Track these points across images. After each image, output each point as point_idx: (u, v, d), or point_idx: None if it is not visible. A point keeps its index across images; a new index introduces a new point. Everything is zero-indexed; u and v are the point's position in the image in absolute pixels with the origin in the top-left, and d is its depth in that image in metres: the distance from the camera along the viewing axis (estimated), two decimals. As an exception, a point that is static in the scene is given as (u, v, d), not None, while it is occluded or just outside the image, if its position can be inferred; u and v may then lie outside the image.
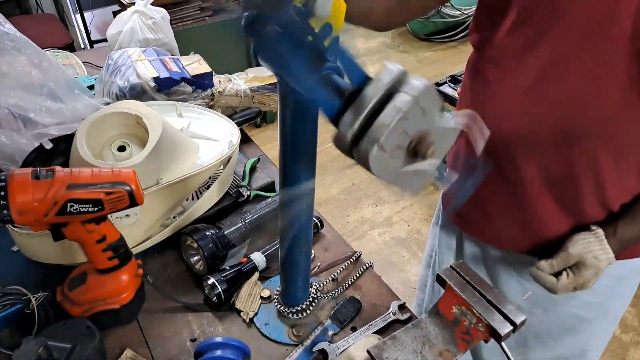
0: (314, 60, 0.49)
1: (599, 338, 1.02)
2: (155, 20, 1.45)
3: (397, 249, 2.40)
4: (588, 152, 0.77)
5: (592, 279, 0.79)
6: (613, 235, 0.79)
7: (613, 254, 0.78)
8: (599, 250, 0.78)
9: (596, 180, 0.79)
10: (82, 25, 3.30)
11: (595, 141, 0.75)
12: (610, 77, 0.70)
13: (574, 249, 0.79)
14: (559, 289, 0.80)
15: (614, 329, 1.04)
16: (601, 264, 0.78)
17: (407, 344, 0.65)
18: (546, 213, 0.86)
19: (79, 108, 1.02)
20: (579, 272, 0.78)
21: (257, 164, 1.20)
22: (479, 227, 0.99)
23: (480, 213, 0.96)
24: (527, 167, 0.82)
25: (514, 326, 0.62)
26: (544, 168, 0.81)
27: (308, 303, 0.87)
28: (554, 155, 0.79)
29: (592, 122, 0.74)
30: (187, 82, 1.22)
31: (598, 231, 0.79)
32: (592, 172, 0.78)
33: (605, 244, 0.78)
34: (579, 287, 0.79)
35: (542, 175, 0.82)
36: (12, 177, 0.67)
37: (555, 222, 0.86)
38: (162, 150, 0.90)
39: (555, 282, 0.80)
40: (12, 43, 0.98)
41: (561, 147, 0.77)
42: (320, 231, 1.05)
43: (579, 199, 0.82)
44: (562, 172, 0.80)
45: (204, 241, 0.90)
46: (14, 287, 0.80)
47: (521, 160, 0.82)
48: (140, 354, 0.80)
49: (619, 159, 0.77)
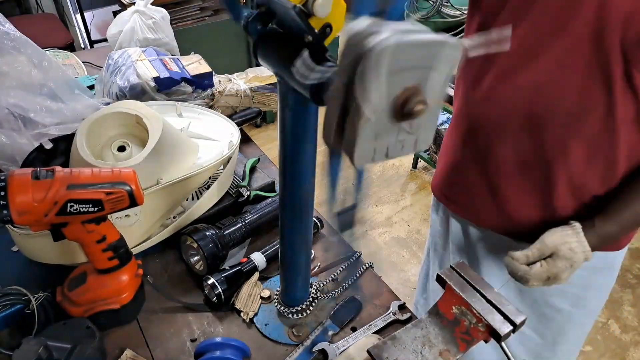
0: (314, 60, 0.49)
1: (572, 331, 1.02)
2: (155, 20, 1.45)
3: (397, 249, 2.40)
4: (558, 138, 0.78)
5: (567, 271, 0.78)
6: (591, 229, 0.79)
7: (590, 248, 0.78)
8: (575, 243, 0.78)
9: (567, 167, 0.81)
10: (82, 25, 3.31)
11: (565, 129, 0.77)
12: (574, 66, 0.72)
13: (550, 239, 0.79)
14: (531, 277, 0.79)
15: (590, 326, 1.04)
16: (576, 257, 0.78)
17: (407, 344, 0.65)
18: (519, 197, 0.88)
19: (79, 108, 1.02)
20: (553, 262, 0.79)
21: (257, 164, 1.20)
22: (461, 206, 1.02)
23: (462, 192, 1.00)
24: (501, 149, 0.85)
25: (513, 326, 0.62)
26: (516, 152, 0.84)
27: (308, 303, 0.87)
28: (525, 140, 0.81)
29: (558, 108, 0.76)
30: (187, 82, 1.23)
31: (576, 225, 0.80)
32: (562, 159, 0.80)
33: (582, 237, 0.78)
34: (552, 277, 0.79)
35: (515, 158, 0.85)
36: (12, 177, 0.67)
37: (528, 206, 0.88)
38: (162, 150, 0.90)
39: (528, 269, 0.79)
40: (12, 43, 0.98)
41: (532, 132, 0.80)
42: (320, 231, 1.05)
43: (550, 185, 0.84)
44: (533, 157, 0.83)
45: (204, 241, 0.90)
46: (14, 287, 0.80)
47: (496, 142, 0.85)
48: (140, 354, 0.80)
49: (589, 147, 0.78)
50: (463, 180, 0.98)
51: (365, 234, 2.47)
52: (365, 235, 2.47)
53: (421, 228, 2.50)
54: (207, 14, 2.74)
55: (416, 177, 2.87)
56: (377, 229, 2.51)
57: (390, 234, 2.48)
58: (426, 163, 2.88)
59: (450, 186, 1.04)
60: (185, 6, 2.65)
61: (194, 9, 2.68)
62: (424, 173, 2.90)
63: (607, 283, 0.98)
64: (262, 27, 0.55)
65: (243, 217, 1.00)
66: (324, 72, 0.47)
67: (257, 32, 0.55)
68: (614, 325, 2.06)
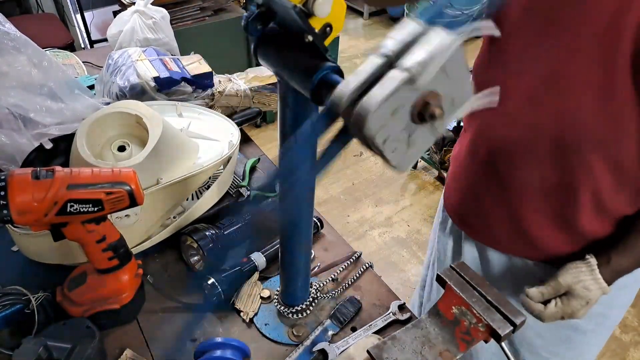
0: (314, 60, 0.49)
1: (593, 349, 1.01)
2: (155, 20, 1.45)
3: (397, 249, 2.40)
4: (585, 164, 0.76)
5: (582, 309, 0.77)
6: (607, 265, 0.78)
7: (606, 284, 0.77)
8: (590, 281, 0.76)
9: (594, 192, 0.78)
10: (82, 25, 3.30)
11: (593, 154, 0.74)
12: (604, 92, 0.69)
13: (563, 278, 0.78)
14: (546, 317, 0.79)
15: (607, 339, 1.03)
16: (591, 294, 0.76)
17: (407, 344, 0.65)
18: (542, 222, 0.85)
19: (79, 108, 1.02)
20: (568, 301, 0.77)
21: (257, 164, 1.20)
22: (478, 229, 0.99)
23: (479, 216, 0.96)
24: (524, 174, 0.82)
25: (513, 326, 0.62)
26: (540, 177, 0.81)
27: (308, 303, 0.87)
28: (550, 165, 0.79)
29: (586, 134, 0.73)
30: (187, 82, 1.22)
31: (591, 260, 0.78)
32: (589, 184, 0.77)
33: (596, 273, 0.77)
34: (566, 316, 0.78)
35: (539, 183, 0.81)
36: (12, 177, 0.67)
37: (551, 232, 0.85)
38: (162, 150, 0.90)
39: (543, 309, 0.79)
40: (12, 43, 0.98)
41: (557, 157, 0.77)
42: (320, 231, 1.05)
43: (575, 211, 0.81)
44: (558, 182, 0.80)
45: (204, 241, 0.90)
46: (14, 287, 0.80)
47: (519, 167, 0.82)
48: (140, 354, 0.80)
49: (616, 172, 0.76)
50: (480, 205, 0.94)
51: (365, 234, 2.48)
52: (365, 235, 2.47)
53: (421, 228, 2.50)
54: (207, 14, 2.73)
55: (416, 177, 2.87)
56: (377, 229, 2.51)
57: (390, 234, 2.48)
58: (426, 163, 2.88)
59: (466, 210, 1.00)
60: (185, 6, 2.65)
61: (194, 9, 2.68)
62: (424, 173, 2.90)
63: (629, 298, 0.96)
64: (262, 27, 0.55)
65: (243, 217, 1.00)
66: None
67: (257, 32, 0.55)
68: (614, 325, 2.06)
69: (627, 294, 0.95)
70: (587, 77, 0.70)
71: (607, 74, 0.68)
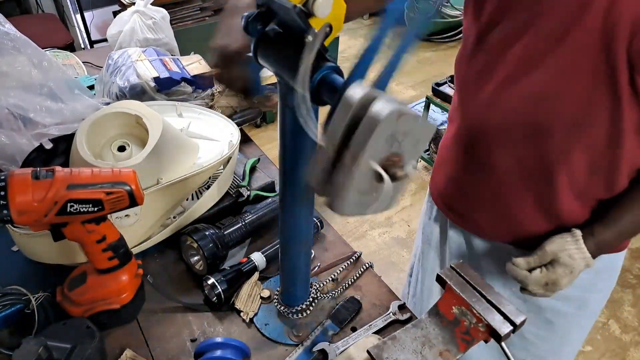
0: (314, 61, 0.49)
1: (575, 333, 1.03)
2: (155, 20, 1.45)
3: (397, 249, 2.40)
4: (561, 146, 0.78)
5: (566, 277, 0.80)
6: (591, 237, 0.81)
7: (589, 255, 0.79)
8: (574, 249, 0.79)
9: (570, 175, 0.81)
10: (82, 25, 3.31)
11: (567, 137, 0.77)
12: (578, 75, 0.71)
13: (549, 246, 0.81)
14: (530, 282, 0.82)
15: (590, 327, 1.05)
16: (575, 263, 0.79)
17: (407, 344, 0.65)
18: (522, 206, 0.88)
19: (79, 108, 1.02)
20: (553, 268, 0.80)
21: (257, 164, 1.21)
22: (462, 215, 1.01)
23: (464, 202, 0.99)
24: (503, 158, 0.85)
25: (514, 326, 0.62)
26: (518, 160, 0.83)
27: (308, 303, 0.87)
28: (528, 148, 0.81)
29: (561, 117, 0.75)
30: (187, 82, 1.23)
31: (576, 232, 0.81)
32: (565, 167, 0.80)
33: (581, 243, 0.80)
34: (550, 283, 0.81)
35: (517, 167, 0.84)
36: (12, 177, 0.67)
37: (532, 216, 0.88)
38: (162, 150, 0.90)
39: (528, 274, 0.82)
40: (12, 43, 0.98)
41: (534, 140, 0.79)
42: (320, 231, 1.05)
43: (553, 193, 0.83)
44: (536, 165, 0.82)
45: (204, 241, 0.90)
46: (14, 287, 0.80)
47: (497, 151, 0.85)
48: (140, 354, 0.80)
49: (592, 156, 0.78)
50: (464, 191, 0.97)
51: (365, 234, 2.48)
52: (365, 235, 2.47)
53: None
54: (207, 14, 2.74)
55: (416, 177, 2.87)
56: (377, 229, 2.51)
57: (390, 234, 2.48)
58: (426, 163, 2.88)
59: (450, 196, 1.03)
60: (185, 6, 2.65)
61: (194, 9, 2.68)
62: (424, 173, 2.90)
63: (608, 284, 0.99)
64: (262, 27, 0.55)
65: (243, 217, 1.00)
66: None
67: (257, 32, 0.55)
68: (614, 325, 2.06)
69: (605, 280, 0.97)
70: (560, 61, 0.72)
71: (577, 57, 0.70)
